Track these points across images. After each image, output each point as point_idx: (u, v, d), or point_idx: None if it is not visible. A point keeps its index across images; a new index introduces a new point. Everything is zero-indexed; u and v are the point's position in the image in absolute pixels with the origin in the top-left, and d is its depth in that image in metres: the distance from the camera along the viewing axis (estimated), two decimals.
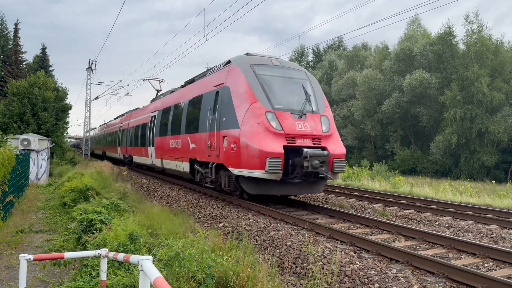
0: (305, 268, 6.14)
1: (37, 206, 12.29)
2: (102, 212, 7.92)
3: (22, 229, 8.87)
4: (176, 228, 7.23)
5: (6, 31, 38.77)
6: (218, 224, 9.62)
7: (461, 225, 9.93)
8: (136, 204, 10.22)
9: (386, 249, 6.79)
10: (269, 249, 7.25)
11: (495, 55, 34.52)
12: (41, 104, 24.10)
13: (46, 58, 43.97)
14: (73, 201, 10.88)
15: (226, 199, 13.16)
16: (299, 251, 6.81)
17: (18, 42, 38.10)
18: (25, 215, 10.80)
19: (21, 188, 13.61)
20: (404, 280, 5.48)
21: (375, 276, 5.57)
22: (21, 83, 24.78)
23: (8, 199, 9.65)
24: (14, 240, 7.98)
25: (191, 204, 12.41)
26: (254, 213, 10.71)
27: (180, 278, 4.54)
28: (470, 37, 34.68)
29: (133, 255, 3.29)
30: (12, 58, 36.58)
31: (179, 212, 9.77)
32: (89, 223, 7.45)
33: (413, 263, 6.21)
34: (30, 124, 23.38)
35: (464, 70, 33.66)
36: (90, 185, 11.52)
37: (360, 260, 6.29)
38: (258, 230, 8.50)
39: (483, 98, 33.03)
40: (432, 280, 5.54)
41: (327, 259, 6.28)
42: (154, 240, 6.53)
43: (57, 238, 8.28)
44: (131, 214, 8.45)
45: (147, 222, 7.37)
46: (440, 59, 36.49)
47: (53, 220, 10.20)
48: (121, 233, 6.13)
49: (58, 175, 20.07)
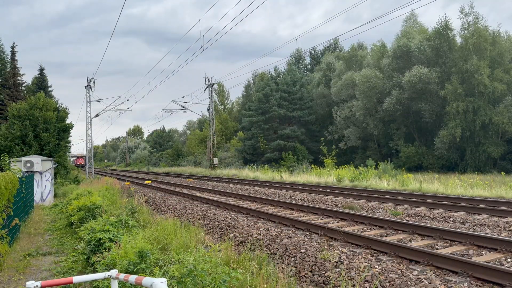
0: (322, 276, 5.93)
1: (43, 228, 12.12)
2: (111, 230, 7.74)
3: (30, 253, 8.70)
4: (187, 241, 7.04)
5: (3, 54, 38.93)
6: (229, 234, 9.43)
7: (477, 220, 9.70)
8: (144, 219, 10.05)
9: (404, 250, 6.58)
10: (284, 258, 7.04)
11: (493, 46, 34.30)
12: (43, 125, 24.02)
13: (45, 79, 44.04)
14: (80, 220, 10.71)
15: (234, 208, 12.98)
16: (314, 258, 6.61)
17: (15, 64, 38.20)
18: (32, 238, 10.63)
19: (27, 210, 13.46)
20: (427, 282, 5.26)
21: (396, 280, 5.36)
22: (21, 105, 24.74)
23: (14, 223, 9.49)
24: (21, 264, 7.80)
25: (199, 216, 12.22)
26: (264, 221, 10.51)
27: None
28: (466, 29, 34.54)
29: (145, 278, 3.10)
30: (11, 81, 36.64)
31: (188, 225, 9.59)
32: (97, 243, 7.27)
33: (434, 263, 6.00)
34: (33, 146, 23.28)
35: (463, 63, 33.45)
36: (98, 203, 11.35)
37: (378, 264, 6.09)
38: (270, 238, 8.29)
39: (484, 89, 32.78)
40: (457, 280, 5.32)
41: (344, 264, 6.07)
42: (165, 255, 6.34)
43: (66, 260, 8.09)
44: (140, 230, 8.27)
45: (157, 237, 7.19)
46: (438, 53, 36.31)
47: (60, 242, 10.02)
48: (130, 250, 5.95)
49: (62, 195, 19.91)
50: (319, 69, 51.68)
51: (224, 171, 39.43)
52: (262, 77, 57.00)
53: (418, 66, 35.75)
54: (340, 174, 24.94)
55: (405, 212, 11.25)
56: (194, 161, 57.38)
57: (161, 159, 70.93)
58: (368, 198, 14.45)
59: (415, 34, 39.37)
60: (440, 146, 34.65)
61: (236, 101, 73.81)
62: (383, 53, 41.79)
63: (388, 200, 13.64)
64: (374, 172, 24.42)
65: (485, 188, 15.96)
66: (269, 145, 45.13)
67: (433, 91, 36.02)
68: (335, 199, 14.78)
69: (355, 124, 42.32)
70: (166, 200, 16.91)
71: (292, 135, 44.68)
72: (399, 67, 38.94)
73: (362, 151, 42.98)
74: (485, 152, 33.15)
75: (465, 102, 33.10)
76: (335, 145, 42.92)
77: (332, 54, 52.91)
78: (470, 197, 13.59)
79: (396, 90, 37.37)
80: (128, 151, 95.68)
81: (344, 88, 43.14)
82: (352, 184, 20.39)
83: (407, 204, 12.64)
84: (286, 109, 45.70)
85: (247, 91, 67.45)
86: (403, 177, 20.48)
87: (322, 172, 29.52)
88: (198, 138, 64.79)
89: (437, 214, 10.66)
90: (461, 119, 33.18)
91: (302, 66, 62.81)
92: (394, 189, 17.49)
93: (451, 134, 33.33)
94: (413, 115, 38.82)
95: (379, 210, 11.97)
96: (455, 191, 15.58)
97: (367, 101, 39.93)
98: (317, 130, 47.52)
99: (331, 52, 55.71)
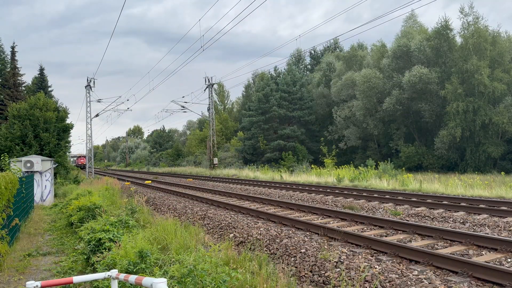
0: (322, 276, 5.93)
1: (43, 228, 12.12)
2: (111, 230, 7.74)
3: (30, 253, 8.69)
4: (187, 241, 7.04)
5: (3, 54, 38.92)
6: (229, 234, 9.43)
7: (477, 220, 9.70)
8: (144, 219, 10.05)
9: (404, 250, 6.58)
10: (284, 258, 7.04)
11: (493, 46, 34.29)
12: (43, 125, 24.02)
13: (45, 79, 44.02)
14: (80, 220, 10.71)
15: (234, 208, 12.97)
16: (314, 258, 6.61)
17: (15, 64, 38.19)
18: (32, 238, 10.62)
19: (27, 210, 13.45)
20: (427, 282, 5.26)
21: (396, 280, 5.36)
22: (21, 105, 24.74)
23: (14, 223, 9.48)
24: (22, 264, 7.80)
25: (199, 216, 12.22)
26: (264, 221, 10.51)
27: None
28: (466, 29, 34.53)
29: (145, 278, 3.10)
30: (11, 81, 36.64)
31: (188, 225, 9.58)
32: (97, 243, 7.27)
33: (434, 263, 5.99)
34: (33, 146, 23.27)
35: (463, 63, 33.44)
36: (98, 203, 11.35)
37: (378, 264, 6.08)
38: (270, 238, 8.29)
39: (484, 89, 32.77)
40: (457, 280, 5.32)
41: (344, 264, 6.07)
42: (165, 255, 6.34)
43: (66, 260, 8.09)
44: (140, 230, 8.27)
45: (157, 237, 7.19)
46: (438, 53, 36.31)
47: (60, 242, 10.02)
48: (130, 250, 5.95)
49: (62, 195, 19.91)
50: (319, 69, 51.68)
51: (224, 171, 39.43)
52: (262, 77, 57.00)
53: (418, 66, 35.74)
54: (340, 174, 24.94)
55: (405, 212, 11.25)
56: (194, 161, 57.39)
57: (161, 159, 70.95)
58: (368, 198, 14.44)
59: (415, 34, 39.35)
60: (440, 146, 34.65)
61: (236, 101, 73.87)
62: (383, 53, 41.78)
63: (388, 200, 13.64)
64: (374, 172, 24.42)
65: (485, 188, 15.96)
66: (269, 145, 45.13)
67: (433, 91, 36.02)
68: (335, 199, 14.78)
69: (355, 124, 42.31)
70: (166, 200, 16.91)
71: (292, 135, 44.68)
72: (399, 67, 38.93)
73: (362, 151, 42.98)
74: (485, 152, 33.15)
75: (465, 102, 33.09)
76: (335, 145, 42.92)
77: (332, 54, 52.89)
78: (470, 197, 13.58)
79: (396, 90, 37.36)
80: (128, 151, 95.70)
81: (344, 88, 43.14)
82: (352, 184, 20.39)
83: (407, 204, 12.64)
84: (286, 109, 45.71)
85: (247, 91, 67.46)
86: (403, 177, 20.48)
87: (322, 172, 29.52)
88: (198, 138, 64.80)
89: (437, 214, 10.66)
90: (461, 119, 33.17)
91: (302, 66, 62.79)
92: (394, 189, 17.48)
93: (451, 134, 33.32)
94: (413, 115, 38.82)
95: (379, 210, 11.97)
96: (455, 191, 15.58)
97: (367, 101, 39.93)
98: (317, 130, 47.53)
99: (331, 52, 55.70)
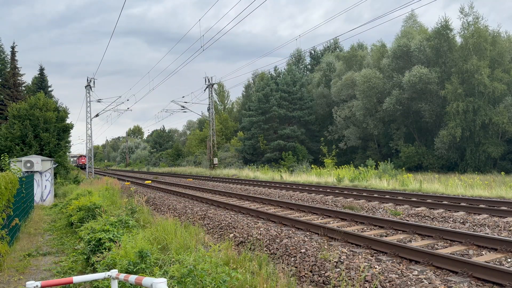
0: (322, 276, 5.93)
1: (43, 228, 12.12)
2: (111, 230, 7.74)
3: (30, 253, 8.69)
4: (187, 241, 7.04)
5: (3, 54, 38.91)
6: (229, 234, 9.43)
7: (477, 220, 9.69)
8: (144, 219, 10.05)
9: (404, 250, 6.58)
10: (284, 258, 7.04)
11: (493, 46, 34.29)
12: (43, 125, 24.02)
13: (45, 79, 44.01)
14: (80, 220, 10.71)
15: (234, 208, 12.97)
16: (314, 258, 6.61)
17: (15, 64, 38.19)
18: (32, 237, 10.62)
19: (27, 210, 13.45)
20: (427, 282, 5.26)
21: (396, 280, 5.36)
22: (21, 105, 24.73)
23: (14, 223, 9.48)
24: (21, 264, 7.80)
25: (199, 216, 12.22)
26: (264, 221, 10.50)
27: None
28: (466, 29, 34.53)
29: (145, 278, 3.10)
30: (11, 81, 36.64)
31: (188, 225, 9.59)
32: (97, 243, 7.26)
33: (434, 263, 5.99)
34: (33, 146, 23.27)
35: (463, 63, 33.44)
36: (98, 203, 11.35)
37: (378, 264, 6.08)
38: (270, 238, 8.29)
39: (484, 89, 32.77)
40: (457, 280, 5.32)
41: (344, 264, 6.07)
42: (165, 255, 6.34)
43: (65, 259, 8.09)
44: (140, 229, 8.27)
45: (157, 237, 7.19)
46: (438, 53, 36.31)
47: (60, 241, 10.02)
48: (130, 250, 5.95)
49: (62, 195, 19.91)
50: (319, 69, 51.67)
51: (224, 171, 39.43)
52: (262, 77, 57.00)
53: (418, 66, 35.74)
54: (340, 174, 24.94)
55: (405, 212, 11.25)
56: (194, 161, 57.39)
57: (161, 159, 70.95)
58: (368, 198, 14.44)
59: (415, 34, 39.35)
60: (440, 146, 34.65)
61: (236, 101, 73.86)
62: (383, 53, 41.77)
63: (388, 200, 13.64)
64: (374, 172, 24.42)
65: (485, 188, 15.96)
66: (269, 145, 45.13)
67: (433, 91, 36.01)
68: (335, 199, 14.78)
69: (355, 124, 42.30)
70: (166, 200, 16.91)
71: (292, 135, 44.68)
72: (399, 67, 38.92)
73: (362, 151, 42.97)
74: (485, 152, 33.15)
75: (465, 102, 33.08)
76: (335, 145, 42.92)
77: (332, 54, 52.89)
78: (470, 197, 13.58)
79: (396, 90, 37.35)
80: (128, 151, 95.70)
81: (344, 88, 43.14)
82: (352, 184, 20.39)
83: (407, 204, 12.64)
84: (286, 109, 45.70)
85: (247, 91, 67.46)
86: (403, 177, 20.48)
87: (322, 172, 29.51)
88: (198, 138, 64.79)
89: (437, 214, 10.66)
90: (461, 119, 33.17)
91: (302, 66, 62.79)
92: (394, 189, 17.48)
93: (451, 134, 33.32)
94: (413, 115, 38.82)
95: (379, 210, 11.97)
96: (455, 191, 15.58)
97: (367, 101, 39.93)
98: (317, 130, 47.52)
99: (331, 52, 55.69)
